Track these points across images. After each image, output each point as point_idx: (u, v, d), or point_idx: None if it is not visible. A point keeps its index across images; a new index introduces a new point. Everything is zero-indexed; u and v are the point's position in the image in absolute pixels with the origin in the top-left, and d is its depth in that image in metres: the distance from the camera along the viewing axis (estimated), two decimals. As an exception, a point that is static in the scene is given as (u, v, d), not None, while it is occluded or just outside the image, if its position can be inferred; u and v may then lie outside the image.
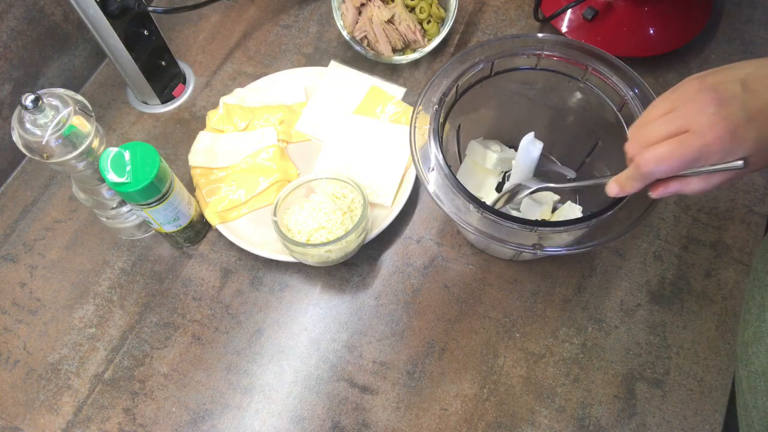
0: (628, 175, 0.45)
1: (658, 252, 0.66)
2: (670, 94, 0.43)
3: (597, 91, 0.59)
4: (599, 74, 0.58)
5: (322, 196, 0.64)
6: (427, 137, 0.57)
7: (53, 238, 0.71)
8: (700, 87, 0.41)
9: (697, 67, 0.77)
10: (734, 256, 0.65)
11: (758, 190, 0.69)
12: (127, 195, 0.58)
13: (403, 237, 0.69)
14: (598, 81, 0.58)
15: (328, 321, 0.65)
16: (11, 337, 0.66)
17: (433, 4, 0.79)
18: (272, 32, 0.84)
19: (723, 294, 0.64)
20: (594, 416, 0.59)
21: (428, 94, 0.59)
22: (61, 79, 0.78)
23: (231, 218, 0.69)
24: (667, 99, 0.43)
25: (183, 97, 0.80)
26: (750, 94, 0.40)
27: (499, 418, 0.59)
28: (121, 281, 0.68)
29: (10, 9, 0.68)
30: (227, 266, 0.68)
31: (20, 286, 0.69)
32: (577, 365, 0.61)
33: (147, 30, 0.72)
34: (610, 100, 0.58)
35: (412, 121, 0.57)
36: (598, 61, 0.58)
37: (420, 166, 0.55)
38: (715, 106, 0.40)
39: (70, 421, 0.61)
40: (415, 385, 0.61)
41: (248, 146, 0.72)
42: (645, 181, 0.44)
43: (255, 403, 0.61)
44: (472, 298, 0.65)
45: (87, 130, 0.56)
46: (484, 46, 0.61)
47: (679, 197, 0.69)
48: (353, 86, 0.76)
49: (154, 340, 0.65)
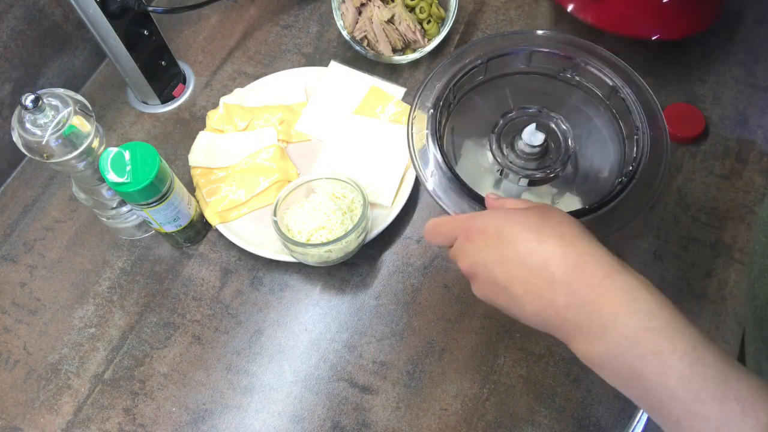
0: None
1: (658, 252, 0.66)
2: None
3: (589, 86, 0.59)
4: (590, 66, 0.57)
5: (322, 196, 0.64)
6: (426, 141, 0.57)
7: (53, 238, 0.71)
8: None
9: (696, 67, 0.77)
10: (734, 256, 0.65)
11: (758, 190, 0.69)
12: (127, 195, 0.58)
13: (403, 237, 0.69)
14: (590, 76, 0.58)
15: (328, 321, 0.65)
16: (11, 337, 0.66)
17: (433, 4, 0.79)
18: (272, 32, 0.84)
19: (723, 294, 0.64)
20: (594, 416, 0.59)
21: (422, 96, 0.59)
22: (61, 79, 0.78)
23: (231, 218, 0.69)
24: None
25: (183, 97, 0.80)
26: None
27: (499, 418, 0.59)
28: (121, 281, 0.68)
29: (10, 9, 0.68)
30: (227, 266, 0.68)
31: (20, 286, 0.69)
32: (577, 365, 0.61)
33: (147, 30, 0.72)
34: (601, 94, 0.58)
35: (409, 124, 0.58)
36: (591, 56, 0.58)
37: (420, 168, 0.55)
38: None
39: (70, 421, 0.61)
40: (415, 385, 0.61)
41: (248, 146, 0.72)
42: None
43: (255, 403, 0.61)
44: (472, 298, 0.64)
45: (87, 130, 0.56)
46: (473, 46, 0.61)
47: (679, 197, 0.69)
48: (353, 86, 0.76)
49: (154, 340, 0.65)
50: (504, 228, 0.42)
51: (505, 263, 0.41)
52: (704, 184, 0.70)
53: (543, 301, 0.39)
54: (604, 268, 0.38)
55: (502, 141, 0.62)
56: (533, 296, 0.40)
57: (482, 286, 0.43)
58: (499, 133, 0.62)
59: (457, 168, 0.68)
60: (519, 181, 0.61)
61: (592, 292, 0.37)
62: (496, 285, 0.42)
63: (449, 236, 0.46)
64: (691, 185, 0.70)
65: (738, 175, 0.70)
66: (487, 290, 0.43)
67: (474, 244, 0.43)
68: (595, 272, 0.38)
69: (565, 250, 0.39)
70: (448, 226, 0.47)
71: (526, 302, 0.40)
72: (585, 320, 0.38)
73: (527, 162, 0.61)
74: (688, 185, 0.70)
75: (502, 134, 0.62)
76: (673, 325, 0.36)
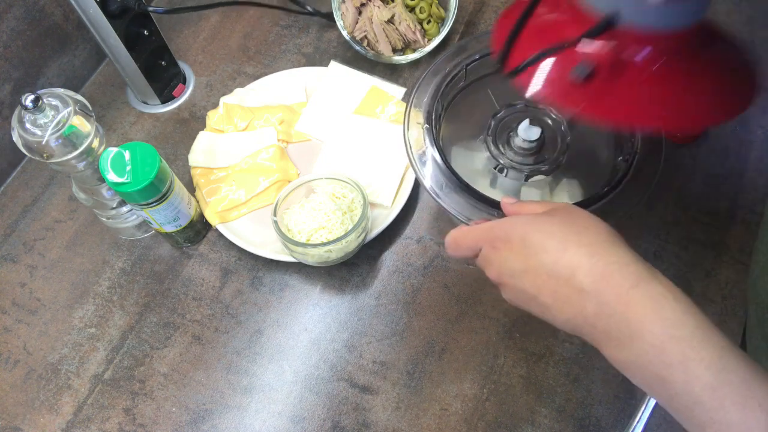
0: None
1: (658, 252, 0.66)
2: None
3: None
4: None
5: (322, 196, 0.64)
6: (424, 148, 0.58)
7: (53, 238, 0.71)
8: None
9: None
10: (734, 256, 0.65)
11: (758, 190, 0.69)
12: (127, 195, 0.58)
13: (403, 237, 0.69)
14: None
15: (328, 321, 0.65)
16: (11, 337, 0.66)
17: (433, 4, 0.79)
18: (272, 32, 0.84)
19: (723, 294, 0.64)
20: (594, 416, 0.59)
21: (416, 99, 0.60)
22: (61, 79, 0.78)
23: (231, 218, 0.69)
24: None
25: (183, 97, 0.80)
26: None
27: (499, 418, 0.59)
28: (121, 281, 0.68)
29: (10, 9, 0.68)
30: (227, 266, 0.68)
31: (20, 286, 0.69)
32: (577, 365, 0.61)
33: (147, 30, 0.72)
34: None
35: (405, 129, 0.58)
36: None
37: (418, 170, 0.56)
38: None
39: (70, 421, 0.61)
40: (415, 385, 0.61)
41: (248, 146, 0.72)
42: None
43: (255, 403, 0.61)
44: (472, 298, 0.65)
45: (87, 130, 0.56)
46: (450, 54, 0.62)
47: (679, 197, 0.69)
48: (353, 86, 0.76)
49: (154, 340, 0.65)
50: (528, 236, 0.42)
51: (532, 273, 0.41)
52: (704, 184, 0.70)
53: (572, 309, 0.40)
54: (631, 277, 0.38)
55: (498, 141, 0.62)
56: (562, 305, 0.40)
57: (512, 294, 0.44)
58: (494, 134, 0.62)
59: None
60: (524, 178, 0.61)
61: (620, 302, 0.38)
62: (525, 293, 0.42)
63: (473, 247, 0.46)
64: (691, 185, 0.70)
65: (738, 175, 0.70)
66: (517, 298, 0.44)
67: (500, 254, 0.43)
68: (622, 282, 0.38)
69: (591, 260, 0.39)
70: (470, 237, 0.47)
71: (556, 310, 0.41)
72: (614, 329, 0.38)
73: (525, 157, 0.61)
74: (688, 185, 0.70)
75: (496, 134, 0.62)
76: (700, 334, 0.36)
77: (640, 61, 0.45)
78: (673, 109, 0.47)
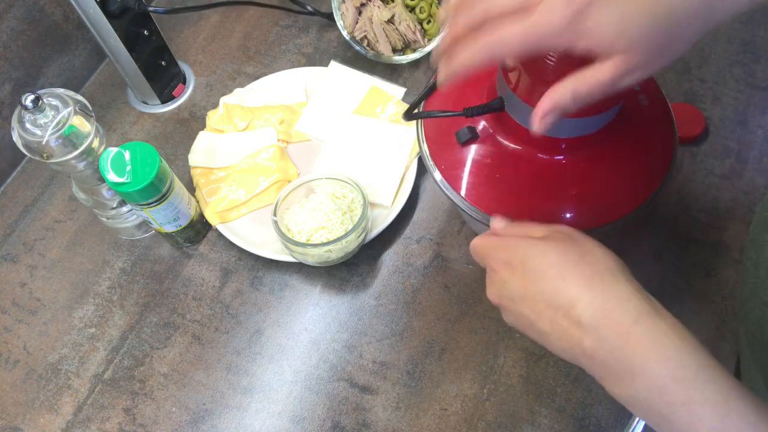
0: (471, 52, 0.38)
1: (658, 252, 0.66)
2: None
3: None
4: None
5: (322, 196, 0.64)
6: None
7: (53, 238, 0.71)
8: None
9: (696, 67, 0.77)
10: (734, 256, 0.65)
11: (758, 190, 0.69)
12: (127, 195, 0.58)
13: (403, 237, 0.69)
14: None
15: (328, 321, 0.65)
16: (11, 337, 0.66)
17: (433, 4, 0.79)
18: (272, 32, 0.84)
19: (723, 294, 0.64)
20: (594, 416, 0.59)
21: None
22: (61, 79, 0.78)
23: (231, 218, 0.69)
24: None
25: (183, 97, 0.80)
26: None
27: (499, 418, 0.59)
28: (121, 281, 0.68)
29: (10, 9, 0.68)
30: (227, 266, 0.68)
31: (20, 286, 0.69)
32: (577, 365, 0.61)
33: (147, 30, 0.72)
34: None
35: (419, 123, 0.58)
36: None
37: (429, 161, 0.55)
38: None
39: (70, 421, 0.61)
40: (415, 385, 0.61)
41: (248, 146, 0.72)
42: (485, 58, 0.38)
43: (255, 403, 0.61)
44: (472, 298, 0.65)
45: (87, 130, 0.56)
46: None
47: (679, 197, 0.69)
48: (353, 86, 0.76)
49: (154, 340, 0.65)
50: (528, 261, 0.41)
51: (531, 299, 0.41)
52: (704, 184, 0.70)
53: (570, 341, 0.39)
54: (632, 312, 0.37)
55: None
56: (560, 334, 0.39)
57: (512, 318, 0.43)
58: None
59: None
60: None
61: (620, 339, 0.37)
62: (524, 318, 0.42)
63: (481, 262, 0.46)
64: (691, 185, 0.70)
65: (738, 175, 0.70)
66: (517, 322, 0.43)
67: (500, 275, 0.43)
68: (623, 319, 0.37)
69: (591, 294, 0.38)
70: (477, 251, 0.46)
71: (554, 339, 0.40)
72: (613, 364, 0.37)
73: None
74: (688, 185, 0.70)
75: None
76: (704, 374, 0.35)
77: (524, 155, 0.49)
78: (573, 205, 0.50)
